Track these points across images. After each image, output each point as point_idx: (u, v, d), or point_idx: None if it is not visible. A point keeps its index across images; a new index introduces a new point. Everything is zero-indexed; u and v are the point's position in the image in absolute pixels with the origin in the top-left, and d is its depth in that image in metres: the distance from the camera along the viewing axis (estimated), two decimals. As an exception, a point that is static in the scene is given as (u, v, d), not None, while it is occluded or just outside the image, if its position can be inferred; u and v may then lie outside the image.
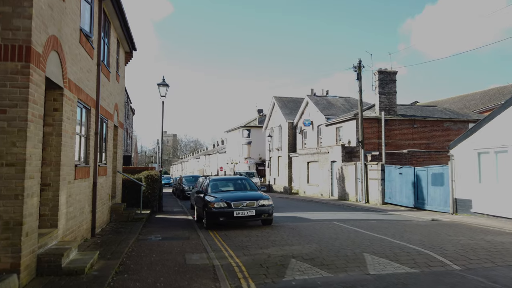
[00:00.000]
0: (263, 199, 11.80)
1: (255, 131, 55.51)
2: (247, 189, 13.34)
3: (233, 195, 12.15)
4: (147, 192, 16.36)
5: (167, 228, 12.27)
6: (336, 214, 16.49)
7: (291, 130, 41.17)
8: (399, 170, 20.06)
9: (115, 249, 8.24)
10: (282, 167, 42.43)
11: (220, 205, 11.44)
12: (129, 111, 38.10)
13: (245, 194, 12.29)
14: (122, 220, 12.99)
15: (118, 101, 13.98)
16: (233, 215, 11.27)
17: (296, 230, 11.19)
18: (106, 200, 12.05)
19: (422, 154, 23.62)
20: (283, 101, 44.96)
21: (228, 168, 61.63)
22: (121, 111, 15.00)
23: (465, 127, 29.94)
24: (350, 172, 25.11)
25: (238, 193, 12.43)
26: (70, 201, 7.82)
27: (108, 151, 12.22)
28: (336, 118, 32.75)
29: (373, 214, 16.73)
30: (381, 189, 21.41)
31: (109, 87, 12.02)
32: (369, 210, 18.98)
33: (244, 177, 14.25)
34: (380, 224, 12.39)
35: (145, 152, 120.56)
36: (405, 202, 19.53)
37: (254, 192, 12.53)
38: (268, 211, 11.67)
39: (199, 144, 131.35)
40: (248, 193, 12.49)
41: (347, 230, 11.03)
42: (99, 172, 10.61)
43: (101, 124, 11.20)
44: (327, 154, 28.72)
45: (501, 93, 39.43)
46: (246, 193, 12.51)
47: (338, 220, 13.89)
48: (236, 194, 12.25)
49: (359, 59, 23.61)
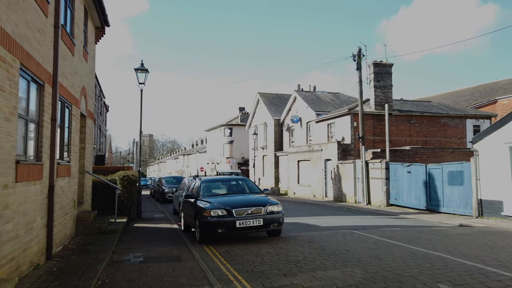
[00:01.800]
0: (271, 204, 9.42)
1: (237, 129, 53.07)
2: (246, 192, 10.91)
3: (233, 199, 9.72)
4: (123, 197, 13.71)
5: (150, 242, 9.72)
6: (345, 220, 14.29)
7: (277, 128, 38.95)
8: (408, 168, 18.07)
9: (76, 283, 5.68)
10: (268, 166, 40.16)
11: (217, 213, 8.99)
12: (103, 107, 34.97)
13: (248, 199, 9.87)
14: (91, 233, 10.34)
15: (86, 84, 11.32)
16: (235, 226, 8.84)
17: (317, 243, 8.86)
18: (70, 208, 9.40)
19: (426, 151, 21.81)
20: (268, 97, 42.71)
21: (209, 168, 58.89)
22: (91, 98, 12.33)
23: (462, 123, 28.50)
24: (348, 171, 23.04)
25: (239, 197, 9.99)
26: (7, 215, 5.23)
27: (73, 146, 9.58)
28: (326, 114, 30.73)
29: (388, 219, 14.62)
30: (386, 189, 19.39)
31: (73, 64, 9.38)
32: (376, 213, 16.88)
33: (242, 177, 11.80)
34: (412, 234, 10.20)
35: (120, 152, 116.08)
36: (414, 204, 17.55)
37: (259, 196, 10.11)
38: (278, 220, 9.30)
39: (177, 145, 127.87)
40: (251, 197, 10.05)
41: (381, 243, 8.77)
42: (59, 172, 8.00)
43: (62, 109, 8.58)
44: (320, 152, 26.60)
45: (492, 89, 38.50)
46: (248, 197, 10.07)
47: (356, 227, 11.68)
48: (237, 199, 9.82)
49: (358, 47, 21.59)
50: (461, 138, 28.20)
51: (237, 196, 10.25)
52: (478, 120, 28.84)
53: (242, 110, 58.41)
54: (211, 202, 9.51)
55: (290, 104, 36.51)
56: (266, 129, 40.54)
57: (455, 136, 28.16)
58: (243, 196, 10.25)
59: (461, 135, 28.31)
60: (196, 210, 9.73)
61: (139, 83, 15.34)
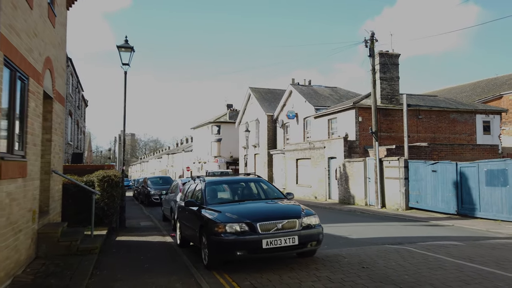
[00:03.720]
0: (307, 215, 6.91)
1: (225, 127, 50.43)
2: (265, 196, 8.35)
3: (253, 208, 7.18)
4: (102, 202, 11.00)
5: (139, 268, 7.10)
6: (373, 228, 11.94)
7: (270, 124, 36.50)
8: (433, 166, 15.83)
9: None
10: (260, 166, 37.66)
11: (235, 228, 6.43)
12: (81, 101, 31.87)
13: (275, 208, 7.33)
14: (59, 254, 7.66)
15: (53, 56, 8.61)
16: (260, 247, 6.29)
17: (375, 270, 6.39)
18: (27, 223, 6.71)
19: (444, 147, 19.72)
20: (260, 92, 40.21)
21: (195, 168, 56.06)
22: (61, 77, 9.60)
23: (472, 118, 26.59)
24: (357, 170, 20.74)
25: (261, 206, 7.45)
26: None
27: (31, 136, 6.87)
28: (326, 109, 28.44)
29: (422, 227, 12.33)
30: (405, 190, 17.13)
31: (31, 20, 6.69)
32: (398, 219, 14.59)
33: (257, 178, 9.22)
34: (486, 251, 7.84)
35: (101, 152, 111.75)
36: (441, 208, 15.33)
37: (288, 204, 7.53)
38: (317, 237, 6.80)
39: (160, 144, 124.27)
40: (278, 205, 7.48)
41: (467, 268, 6.34)
42: (4, 171, 5.34)
43: (12, 80, 5.89)
44: (323, 150, 24.25)
45: (495, 84, 37.01)
46: (274, 205, 7.50)
47: (398, 240, 9.33)
48: (258, 207, 7.29)
49: (371, 31, 19.29)
50: (471, 134, 26.29)
51: (256, 203, 7.68)
52: (488, 115, 26.99)
53: (231, 107, 55.81)
54: (223, 212, 6.95)
55: (285, 98, 34.10)
56: (259, 126, 38.06)
57: (465, 132, 26.23)
58: (265, 203, 7.68)
59: (470, 131, 26.39)
60: (203, 223, 7.16)
61: (122, 64, 12.64)
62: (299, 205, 7.40)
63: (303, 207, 7.32)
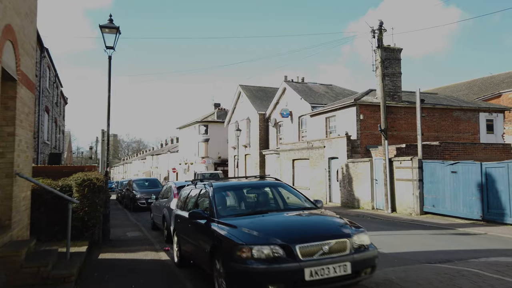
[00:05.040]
0: (357, 232, 5.19)
1: (213, 127, 48.55)
2: (290, 206, 6.59)
3: (284, 222, 5.46)
4: (82, 211, 9.08)
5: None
6: (397, 239, 10.35)
7: (262, 124, 34.80)
8: (452, 167, 14.38)
9: None
10: (251, 167, 35.91)
11: (266, 252, 4.66)
12: (59, 97, 29.55)
13: (312, 221, 5.59)
14: (23, 284, 5.77)
15: (18, 27, 6.71)
16: (303, 278, 4.53)
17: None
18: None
19: (457, 146, 18.37)
20: (251, 90, 38.49)
21: (182, 169, 53.95)
22: (28, 56, 7.68)
23: (475, 116, 25.42)
24: (362, 171, 19.22)
25: (292, 219, 5.70)
26: None
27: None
28: (322, 107, 26.91)
29: (450, 236, 10.80)
30: (419, 193, 15.65)
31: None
32: (416, 225, 13.08)
33: (276, 182, 7.40)
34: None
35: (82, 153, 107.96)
36: (462, 212, 13.89)
37: (328, 217, 5.74)
38: (373, 262, 5.07)
39: (143, 145, 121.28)
40: (313, 218, 5.72)
41: None
42: None
43: None
44: (323, 149, 22.67)
45: (491, 82, 36.17)
46: (309, 218, 5.73)
47: (439, 255, 7.74)
48: (290, 221, 5.57)
49: (380, 20, 17.75)
50: (474, 133, 25.12)
51: (284, 215, 5.92)
52: (491, 114, 25.87)
53: (218, 106, 53.97)
54: (243, 228, 5.20)
55: (278, 96, 32.47)
56: (250, 125, 36.32)
57: (468, 131, 25.03)
58: (297, 215, 5.92)
59: (474, 130, 25.23)
60: (216, 243, 5.39)
61: (106, 47, 10.71)
62: (343, 218, 5.68)
63: (347, 220, 5.61)
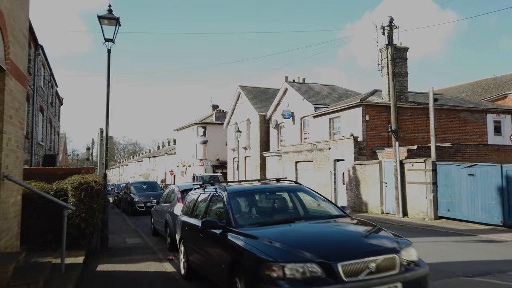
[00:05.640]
0: (404, 245, 4.40)
1: (211, 128, 47.74)
2: (316, 214, 5.84)
3: (318, 234, 4.71)
4: (78, 218, 8.26)
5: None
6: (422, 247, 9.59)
7: (263, 125, 34.04)
8: (469, 169, 13.67)
9: None
10: (252, 169, 35.11)
11: (301, 271, 3.89)
12: (54, 97, 28.66)
13: (353, 233, 4.79)
14: (9, 304, 4.96)
15: (7, 10, 5.92)
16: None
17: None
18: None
19: (469, 148, 17.69)
20: (251, 91, 37.75)
21: (179, 171, 53.07)
22: (19, 45, 6.87)
23: (482, 118, 24.79)
24: (370, 173, 18.48)
25: (327, 229, 4.93)
26: None
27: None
28: (325, 107, 26.20)
29: (477, 244, 10.07)
30: (433, 197, 14.93)
31: None
32: (434, 231, 12.36)
33: (296, 185, 6.65)
34: None
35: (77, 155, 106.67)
36: (481, 217, 13.17)
37: (366, 227, 4.96)
38: (425, 282, 4.27)
39: (139, 147, 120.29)
40: (353, 228, 4.94)
41: None
42: None
43: None
44: (328, 151, 21.93)
45: (496, 83, 35.64)
46: (347, 229, 4.96)
47: (474, 266, 7.01)
48: (325, 232, 4.81)
49: (390, 16, 17.07)
50: (482, 135, 24.48)
51: (314, 224, 5.15)
52: (499, 115, 25.24)
53: (216, 107, 53.15)
54: (268, 240, 4.43)
55: (279, 97, 31.75)
56: (250, 126, 35.56)
57: (475, 133, 24.39)
58: (328, 225, 5.13)
59: (481, 132, 24.59)
60: (236, 258, 4.61)
61: (105, 40, 9.92)
62: (381, 228, 4.91)
63: (390, 231, 4.84)
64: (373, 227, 4.98)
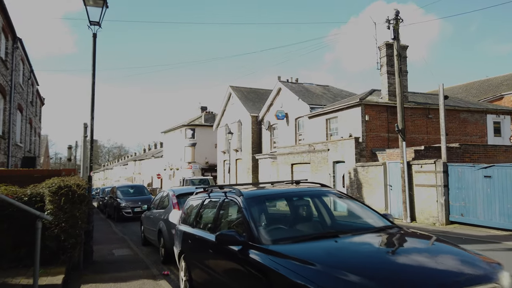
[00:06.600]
0: (499, 269, 3.30)
1: (200, 130, 46.38)
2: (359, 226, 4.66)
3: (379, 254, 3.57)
4: (57, 228, 6.94)
5: None
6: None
7: (255, 126, 32.88)
8: (485, 171, 12.75)
9: None
10: (243, 172, 33.90)
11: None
12: (35, 96, 26.99)
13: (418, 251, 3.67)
14: None
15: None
16: None
17: None
18: None
19: (477, 149, 16.85)
20: (242, 91, 36.60)
21: (167, 174, 51.47)
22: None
23: (482, 118, 24.18)
24: (373, 175, 17.49)
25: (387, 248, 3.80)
26: None
27: None
28: (321, 108, 25.22)
29: (507, 253, 9.05)
30: (444, 200, 13.97)
31: None
32: (450, 237, 11.33)
33: (322, 189, 5.49)
34: None
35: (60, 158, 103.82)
36: (498, 222, 12.25)
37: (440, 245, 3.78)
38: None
39: (124, 150, 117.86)
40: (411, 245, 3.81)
41: None
42: None
43: None
44: (326, 153, 20.89)
45: (490, 85, 35.23)
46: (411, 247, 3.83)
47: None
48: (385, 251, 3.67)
49: (395, 9, 16.13)
50: (482, 136, 23.85)
51: (366, 240, 3.98)
52: (498, 116, 24.66)
53: (205, 109, 51.78)
54: (310, 263, 3.26)
55: (272, 97, 30.67)
56: (241, 128, 34.37)
57: (475, 134, 23.75)
58: (386, 240, 3.99)
59: (481, 133, 23.96)
60: (268, 286, 3.42)
61: (90, 23, 8.64)
62: (455, 243, 3.78)
63: (470, 250, 3.71)
64: (445, 242, 3.86)
